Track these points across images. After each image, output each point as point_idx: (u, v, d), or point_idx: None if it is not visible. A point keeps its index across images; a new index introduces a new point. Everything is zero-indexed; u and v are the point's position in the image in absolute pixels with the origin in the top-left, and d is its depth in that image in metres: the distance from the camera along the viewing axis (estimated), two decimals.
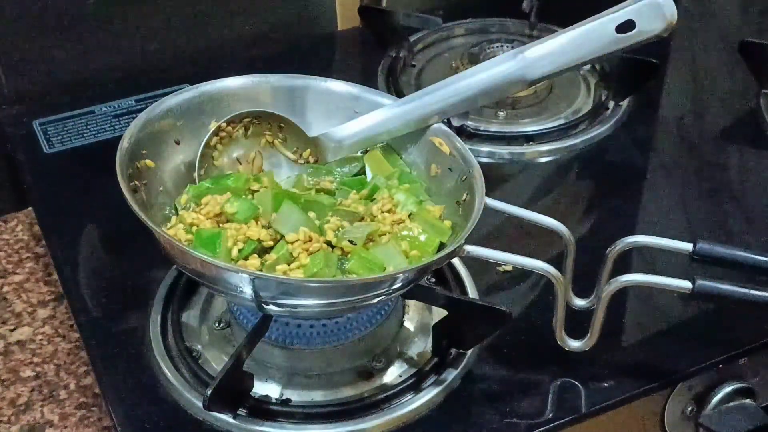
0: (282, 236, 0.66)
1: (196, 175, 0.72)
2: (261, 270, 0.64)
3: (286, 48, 1.08)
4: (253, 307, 0.66)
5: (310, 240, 0.65)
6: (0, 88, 0.97)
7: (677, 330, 0.75)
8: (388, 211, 0.69)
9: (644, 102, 1.00)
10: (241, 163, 0.74)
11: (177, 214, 0.70)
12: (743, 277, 0.68)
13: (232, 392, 0.65)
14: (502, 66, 0.71)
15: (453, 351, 0.71)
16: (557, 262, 0.68)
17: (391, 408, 0.68)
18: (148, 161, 0.70)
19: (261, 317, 0.66)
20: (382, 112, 0.73)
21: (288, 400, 0.69)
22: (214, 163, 0.73)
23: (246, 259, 0.65)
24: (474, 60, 1.01)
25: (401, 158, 0.75)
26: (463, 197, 0.69)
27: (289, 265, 0.64)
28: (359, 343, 0.71)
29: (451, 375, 0.70)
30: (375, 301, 0.66)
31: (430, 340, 0.72)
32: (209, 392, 0.62)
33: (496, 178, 0.89)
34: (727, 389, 0.73)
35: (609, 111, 0.98)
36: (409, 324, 0.75)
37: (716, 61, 1.08)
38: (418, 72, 1.05)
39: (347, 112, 0.75)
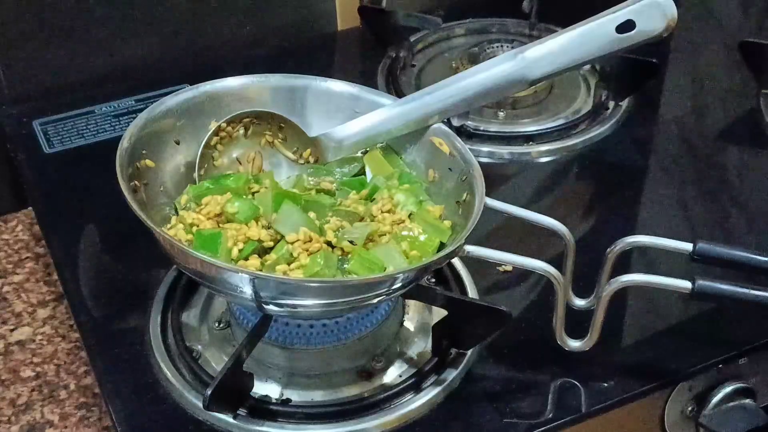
0: (282, 236, 0.66)
1: (196, 175, 0.72)
2: (261, 270, 0.64)
3: (286, 48, 1.08)
4: (253, 307, 0.66)
5: (310, 240, 0.65)
6: (0, 88, 0.97)
7: (677, 330, 0.75)
8: (388, 212, 0.69)
9: (644, 102, 1.00)
10: (241, 163, 0.74)
11: (177, 214, 0.70)
12: (743, 277, 0.68)
13: (232, 392, 0.65)
14: (502, 66, 0.71)
15: (453, 351, 0.71)
16: (557, 262, 0.68)
17: (391, 408, 0.68)
18: (148, 161, 0.70)
19: (261, 317, 0.66)
20: (382, 112, 0.73)
21: (288, 400, 0.69)
22: (214, 163, 0.73)
23: (246, 259, 0.65)
24: (474, 60, 1.01)
25: (401, 158, 0.75)
26: (463, 197, 0.69)
27: (289, 265, 0.64)
28: (359, 343, 0.71)
29: (451, 375, 0.70)
30: (375, 301, 0.66)
31: (430, 340, 0.72)
32: (209, 392, 0.62)
33: (496, 178, 0.89)
34: (727, 389, 0.73)
35: (609, 111, 0.98)
36: (409, 324, 0.75)
37: (716, 61, 1.08)
38: (418, 72, 1.05)
39: (347, 112, 0.75)
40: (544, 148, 0.94)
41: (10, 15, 0.94)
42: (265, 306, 0.63)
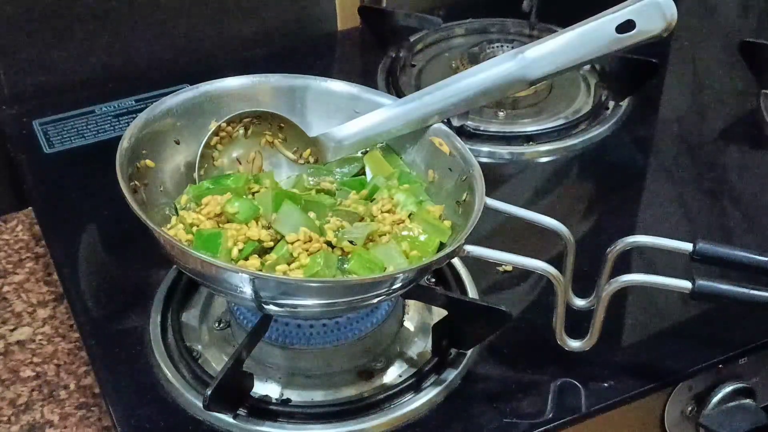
0: (282, 236, 0.66)
1: (196, 175, 0.72)
2: (261, 270, 0.64)
3: (286, 48, 1.08)
4: (253, 307, 0.66)
5: (310, 240, 0.65)
6: (0, 88, 0.97)
7: (677, 330, 0.75)
8: (388, 212, 0.69)
9: (644, 102, 1.00)
10: (241, 163, 0.74)
11: (177, 214, 0.70)
12: (743, 277, 0.68)
13: (232, 392, 0.65)
14: (502, 66, 0.71)
15: (453, 351, 0.71)
16: (557, 262, 0.68)
17: (391, 408, 0.68)
18: (148, 161, 0.70)
19: (261, 317, 0.66)
20: (382, 112, 0.74)
21: (288, 400, 0.69)
22: (214, 163, 0.73)
23: (246, 259, 0.65)
24: (474, 60, 1.01)
25: (401, 158, 0.75)
26: (463, 197, 0.69)
27: (289, 265, 0.64)
28: (359, 343, 0.71)
29: (451, 375, 0.70)
30: (375, 301, 0.66)
31: (430, 340, 0.72)
32: (209, 392, 0.62)
33: (496, 178, 0.89)
34: (727, 389, 0.73)
35: (609, 111, 0.98)
36: (409, 324, 0.75)
37: (716, 61, 1.08)
38: (418, 72, 1.05)
39: (347, 112, 0.75)
40: (544, 148, 0.94)
41: (10, 15, 0.94)
42: (265, 306, 0.63)
